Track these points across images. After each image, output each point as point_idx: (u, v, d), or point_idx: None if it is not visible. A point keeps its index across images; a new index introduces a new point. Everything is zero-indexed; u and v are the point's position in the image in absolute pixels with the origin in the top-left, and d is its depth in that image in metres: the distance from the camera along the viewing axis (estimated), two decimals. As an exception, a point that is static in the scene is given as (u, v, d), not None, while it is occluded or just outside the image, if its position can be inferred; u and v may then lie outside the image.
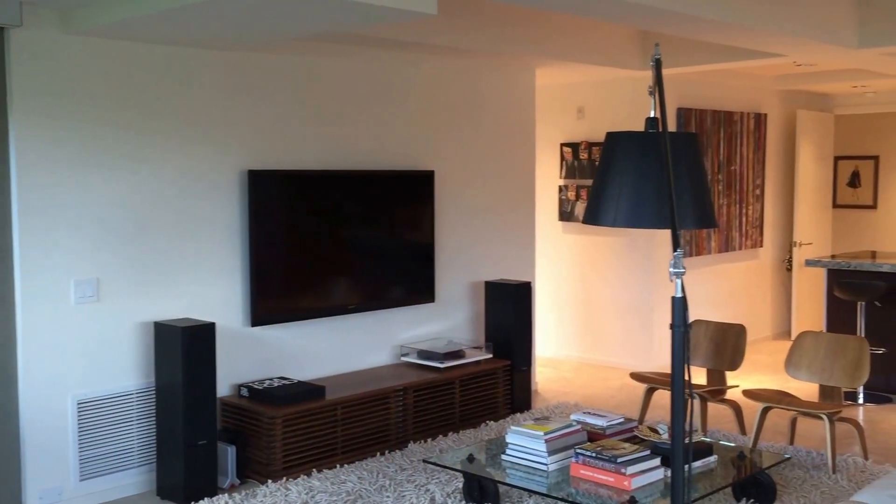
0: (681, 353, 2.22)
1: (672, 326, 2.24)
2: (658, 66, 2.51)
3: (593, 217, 2.65)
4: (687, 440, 2.32)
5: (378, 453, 5.15)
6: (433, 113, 6.08)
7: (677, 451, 2.27)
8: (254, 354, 5.15)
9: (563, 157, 7.86)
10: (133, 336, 4.68)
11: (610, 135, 2.69)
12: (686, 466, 2.31)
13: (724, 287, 8.21)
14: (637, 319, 7.48)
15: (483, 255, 6.44)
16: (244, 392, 4.95)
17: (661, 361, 7.21)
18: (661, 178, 2.51)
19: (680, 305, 2.23)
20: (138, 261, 4.68)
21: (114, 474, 4.61)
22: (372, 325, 5.73)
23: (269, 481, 4.67)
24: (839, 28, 5.61)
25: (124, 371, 4.66)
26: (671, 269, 2.25)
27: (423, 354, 5.76)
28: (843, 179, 10.37)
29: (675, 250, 2.21)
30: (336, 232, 5.46)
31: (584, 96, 7.72)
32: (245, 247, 5.06)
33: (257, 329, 5.13)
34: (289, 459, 4.76)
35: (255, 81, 5.12)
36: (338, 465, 4.94)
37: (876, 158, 10.16)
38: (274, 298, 5.15)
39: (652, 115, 2.59)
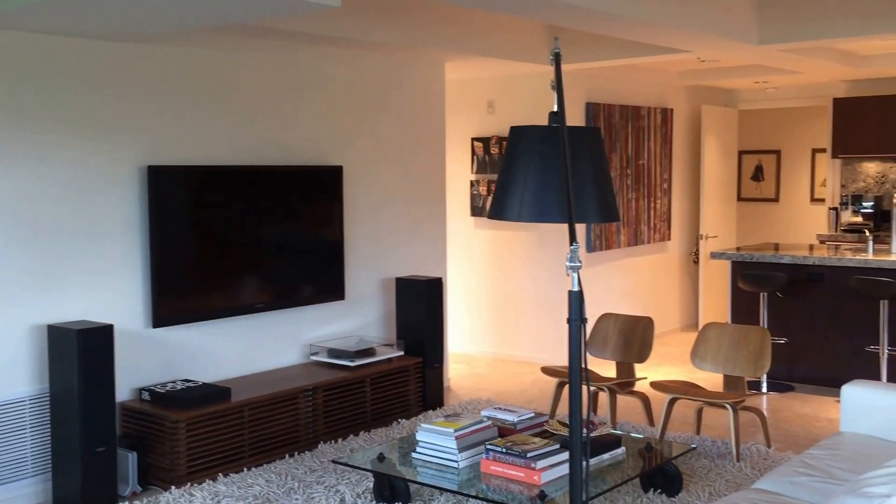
0: (577, 347, 2.20)
1: (569, 321, 2.22)
2: (557, 59, 2.49)
3: (498, 211, 2.63)
4: (585, 433, 2.30)
5: (287, 455, 5.04)
6: (342, 107, 5.98)
7: (575, 445, 2.25)
8: (156, 357, 4.98)
9: (473, 152, 7.85)
10: (25, 340, 4.46)
11: (514, 129, 2.67)
12: (584, 460, 2.29)
13: (633, 280, 8.33)
14: (549, 313, 7.52)
15: (394, 252, 6.38)
16: (146, 396, 4.77)
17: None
18: (571, 172, 2.51)
19: (576, 299, 2.20)
20: (31, 261, 4.47)
21: (6, 485, 4.39)
22: (280, 324, 5.61)
23: (173, 488, 4.52)
24: (740, 25, 5.72)
25: (16, 377, 4.44)
26: (567, 264, 2.22)
27: (333, 353, 5.67)
28: (747, 173, 10.66)
29: (571, 244, 2.19)
30: (242, 229, 5.32)
31: (495, 90, 7.72)
32: (146, 245, 4.88)
33: (160, 330, 4.96)
34: (193, 464, 4.62)
35: (156, 74, 4.94)
36: (245, 469, 4.81)
37: (778, 153, 10.47)
38: (177, 298, 4.99)
39: (555, 109, 2.57)
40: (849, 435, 4.00)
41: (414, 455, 4.30)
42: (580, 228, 7.57)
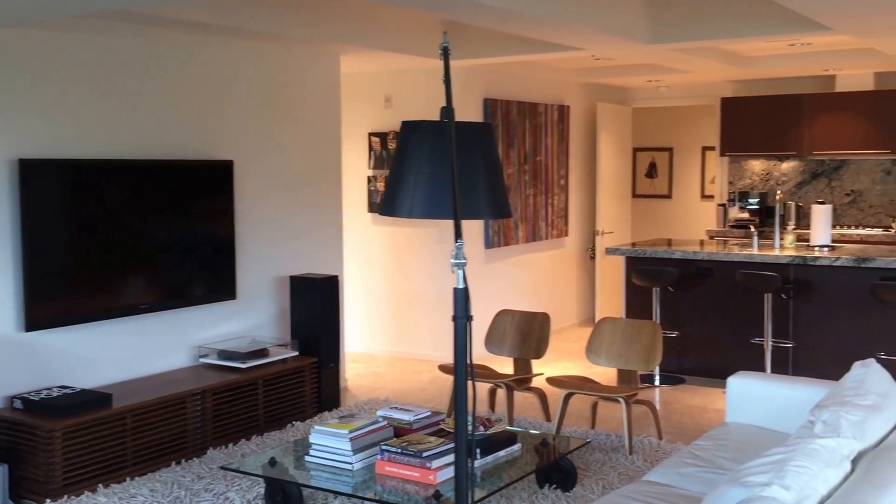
0: (463, 345, 2.15)
1: (454, 318, 2.17)
2: (446, 54, 2.44)
3: (390, 208, 2.59)
4: (470, 430, 2.25)
5: (174, 462, 4.85)
6: (231, 100, 5.80)
7: (460, 444, 2.20)
8: (29, 362, 4.71)
9: (371, 147, 7.75)
10: None
11: (405, 124, 2.63)
12: (470, 458, 2.24)
13: (531, 276, 8.38)
14: (448, 311, 7.45)
15: (288, 249, 6.23)
16: (18, 404, 4.51)
17: (473, 352, 7.24)
18: (458, 168, 2.48)
19: (461, 297, 2.15)
20: None
21: None
22: (167, 326, 5.39)
23: (48, 501, 4.28)
24: (632, 24, 5.79)
25: None
26: (452, 261, 2.17)
27: (224, 355, 5.49)
28: (642, 170, 10.88)
29: (456, 241, 2.13)
30: (125, 227, 5.09)
31: (392, 85, 7.64)
32: (17, 244, 4.61)
33: (33, 334, 4.69)
34: (70, 475, 4.38)
35: (28, 61, 4.67)
36: (128, 479, 4.60)
37: (670, 150, 10.72)
38: (53, 300, 4.73)
39: (446, 104, 2.53)
40: (734, 425, 4.08)
41: (307, 458, 4.19)
42: (478, 225, 7.57)
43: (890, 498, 2.63)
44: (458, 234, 2.16)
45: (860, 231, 8.17)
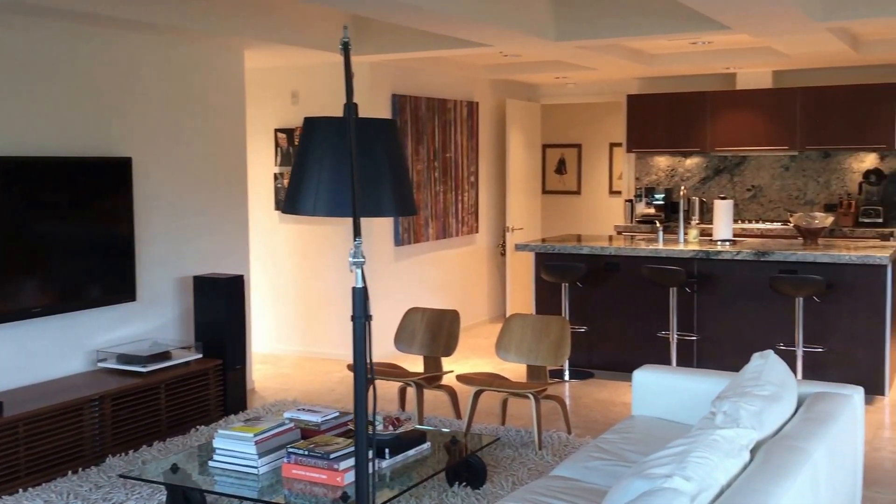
0: (363, 345, 2.10)
1: (353, 318, 2.11)
2: (346, 49, 2.39)
3: (292, 206, 2.53)
4: (371, 431, 2.20)
5: (70, 472, 4.65)
6: (131, 96, 5.60)
7: (360, 445, 2.15)
8: (-87, 371, 4.46)
9: (277, 144, 7.61)
10: None
11: (308, 120, 2.58)
12: (370, 459, 2.19)
13: (442, 273, 8.36)
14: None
15: (191, 248, 6.05)
16: None
17: (382, 350, 7.19)
18: (361, 165, 2.42)
19: (360, 296, 2.10)
20: None
21: None
22: (63, 330, 5.17)
23: (-67, 516, 4.07)
24: (538, 21, 5.82)
25: None
26: (350, 259, 2.11)
27: (124, 359, 5.30)
28: (551, 166, 10.98)
29: (355, 239, 2.08)
30: (15, 226, 4.84)
31: (299, 81, 7.52)
32: None
33: (-84, 341, 4.44)
34: (-42, 489, 4.17)
35: None
36: (20, 490, 4.39)
37: (579, 146, 10.85)
38: (-63, 305, 4.48)
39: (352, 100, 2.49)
40: (640, 418, 4.13)
41: (211, 463, 4.07)
42: (388, 222, 7.51)
43: (786, 485, 2.69)
44: (356, 232, 2.11)
45: (760, 225, 8.41)
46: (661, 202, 8.91)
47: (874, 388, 5.87)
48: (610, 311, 6.77)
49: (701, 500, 2.58)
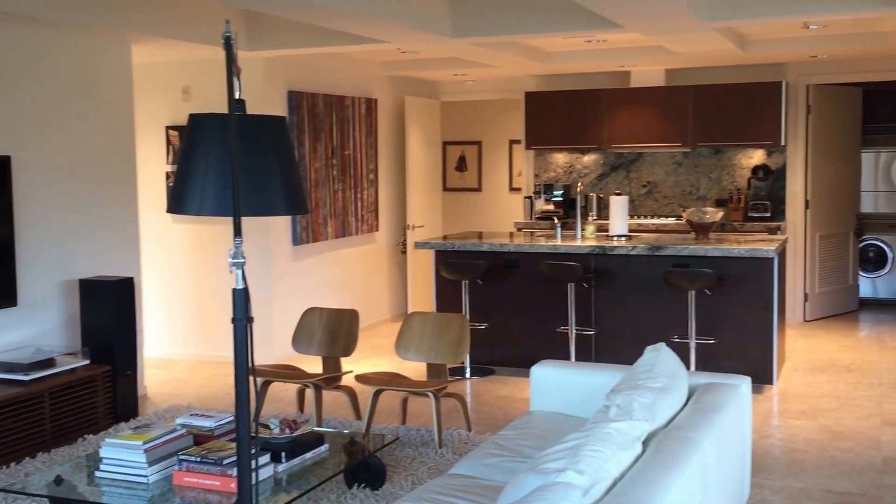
0: (244, 348, 2.02)
1: (234, 320, 2.04)
2: (228, 44, 2.31)
3: (177, 205, 2.46)
4: (253, 434, 2.13)
5: (-55, 488, 4.39)
6: (10, 91, 5.32)
7: (242, 452, 2.07)
8: None
9: (169, 142, 7.38)
10: None
11: (193, 117, 2.50)
12: (253, 463, 2.12)
13: (342, 272, 8.27)
14: (254, 311, 7.24)
15: (77, 250, 5.81)
16: None
17: (280, 352, 7.06)
18: (250, 163, 2.36)
19: (241, 297, 2.02)
20: None
21: None
22: (-63, 338, 4.89)
23: None
24: (435, 17, 5.79)
25: None
26: (230, 260, 2.03)
27: (4, 367, 5.04)
28: (452, 164, 11.00)
29: (235, 238, 2.00)
30: None
31: (190, 76, 7.30)
32: None
33: None
34: None
35: None
36: None
37: (479, 144, 10.90)
38: None
39: (238, 96, 2.43)
40: (538, 413, 4.15)
41: (98, 474, 3.90)
42: (285, 221, 7.38)
43: (676, 475, 2.73)
44: (237, 232, 2.03)
45: (655, 220, 8.60)
46: (560, 199, 9.02)
47: (763, 378, 6.06)
48: (510, 307, 6.80)
49: (593, 493, 2.59)
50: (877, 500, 4.16)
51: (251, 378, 2.06)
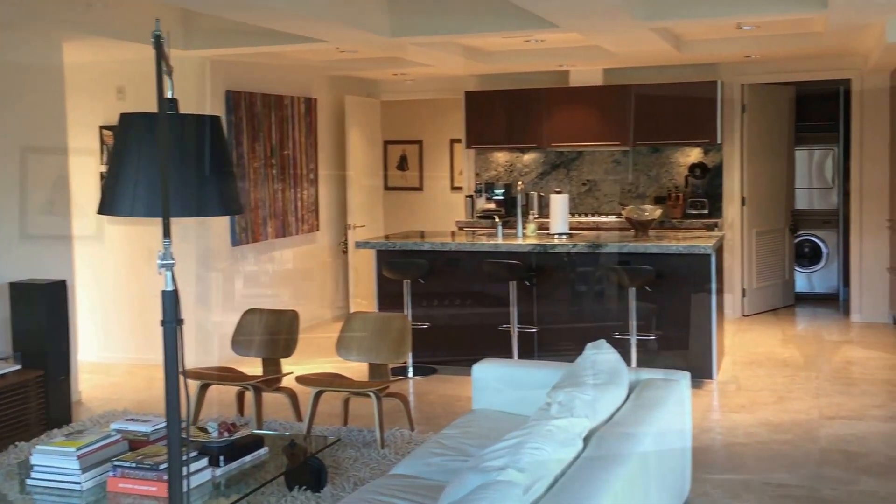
0: (173, 351, 1.97)
1: (163, 323, 1.99)
2: (158, 43, 2.26)
3: (108, 206, 2.42)
4: (185, 438, 2.08)
5: None
6: (-70, 88, 5.15)
7: (174, 456, 2.02)
8: None
9: (103, 142, 7.21)
10: None
11: (124, 116, 2.43)
12: (185, 468, 2.06)
13: (282, 273, 8.18)
14: (191, 313, 7.12)
15: (6, 253, 5.63)
16: None
17: (220, 354, 6.95)
18: (183, 164, 2.33)
19: (170, 300, 1.97)
20: None
21: None
22: None
23: None
24: (372, 16, 5.75)
25: None
26: (159, 261, 1.98)
27: (-71, 374, 4.88)
28: (393, 163, 10.96)
29: (164, 240, 1.95)
30: None
31: (125, 75, 7.15)
32: None
33: None
34: None
35: None
36: None
37: (420, 143, 10.88)
38: None
39: (170, 95, 2.38)
40: (480, 411, 4.15)
41: (29, 482, 3.79)
42: (224, 221, 7.26)
43: (617, 471, 2.74)
44: (166, 233, 1.98)
45: (595, 218, 8.68)
46: (501, 197, 9.05)
47: (703, 373, 6.15)
48: (452, 306, 6.79)
49: (535, 491, 2.59)
50: (815, 491, 4.24)
51: (182, 381, 2.01)
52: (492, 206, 9.06)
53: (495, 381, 4.22)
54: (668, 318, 6.30)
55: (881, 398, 5.79)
